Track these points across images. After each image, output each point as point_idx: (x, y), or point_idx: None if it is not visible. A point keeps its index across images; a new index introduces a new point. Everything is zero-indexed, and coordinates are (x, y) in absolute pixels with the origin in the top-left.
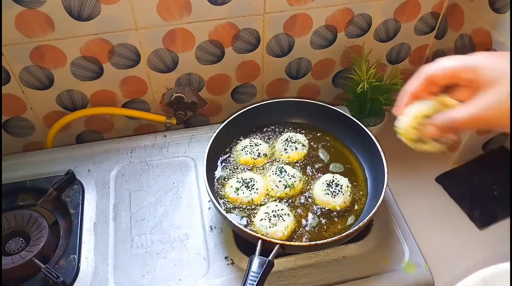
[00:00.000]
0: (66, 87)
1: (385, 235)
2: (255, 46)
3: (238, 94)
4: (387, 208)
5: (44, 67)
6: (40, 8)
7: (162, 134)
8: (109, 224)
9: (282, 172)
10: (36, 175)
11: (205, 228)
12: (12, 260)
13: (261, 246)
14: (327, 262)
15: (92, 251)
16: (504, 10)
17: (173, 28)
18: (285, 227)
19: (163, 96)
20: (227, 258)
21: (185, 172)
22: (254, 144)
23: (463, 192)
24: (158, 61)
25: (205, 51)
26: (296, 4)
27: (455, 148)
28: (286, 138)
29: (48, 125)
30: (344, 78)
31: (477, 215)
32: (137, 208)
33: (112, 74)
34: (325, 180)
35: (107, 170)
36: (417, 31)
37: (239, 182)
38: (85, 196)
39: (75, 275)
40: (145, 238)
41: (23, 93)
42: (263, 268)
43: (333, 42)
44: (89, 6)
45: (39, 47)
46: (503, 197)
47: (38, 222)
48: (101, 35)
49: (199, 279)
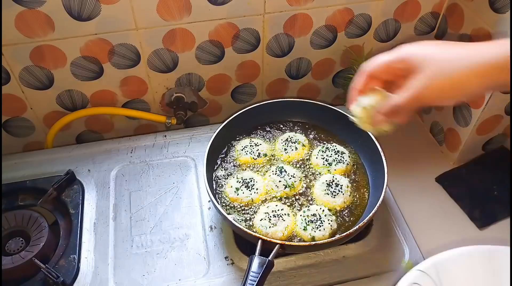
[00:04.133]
0: (66, 87)
1: (385, 235)
2: (255, 46)
3: (238, 94)
4: (387, 208)
5: (44, 67)
6: (40, 8)
7: (162, 134)
8: (109, 224)
9: (282, 172)
10: (36, 175)
11: (205, 228)
12: (12, 260)
13: (261, 246)
14: (327, 262)
15: (92, 251)
16: (504, 10)
17: (173, 28)
18: (285, 227)
19: (163, 96)
20: (227, 258)
21: (185, 172)
22: (254, 144)
23: (463, 192)
24: (158, 61)
25: (205, 51)
26: (296, 4)
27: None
28: (286, 138)
29: (48, 125)
30: (344, 78)
31: (477, 215)
32: (137, 208)
33: (112, 74)
34: (325, 180)
35: (107, 170)
36: (417, 31)
37: (239, 182)
38: (85, 196)
39: (75, 275)
40: (145, 238)
41: (23, 93)
42: (263, 268)
43: (333, 42)
44: (89, 6)
45: (39, 47)
46: (503, 197)
47: (38, 222)
48: (101, 35)
49: (199, 279)
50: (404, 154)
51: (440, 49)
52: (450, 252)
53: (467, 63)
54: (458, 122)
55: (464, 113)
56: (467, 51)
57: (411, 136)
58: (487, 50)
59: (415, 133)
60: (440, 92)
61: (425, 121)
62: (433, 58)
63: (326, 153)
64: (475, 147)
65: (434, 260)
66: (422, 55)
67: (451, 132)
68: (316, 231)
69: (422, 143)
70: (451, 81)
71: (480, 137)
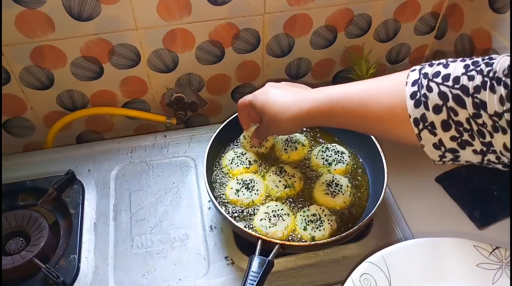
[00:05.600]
0: (66, 87)
1: (385, 235)
2: (255, 46)
3: (238, 94)
4: (387, 208)
5: (44, 67)
6: (40, 8)
7: (162, 134)
8: (109, 224)
9: (282, 172)
10: (36, 175)
11: (205, 228)
12: (12, 260)
13: (261, 246)
14: (327, 262)
15: (92, 251)
16: (504, 10)
17: (173, 28)
18: (285, 227)
19: (163, 96)
20: (227, 258)
21: (185, 172)
22: (240, 154)
23: (463, 192)
24: (158, 61)
25: (205, 51)
26: (296, 4)
27: None
28: (286, 138)
29: (48, 125)
30: (344, 78)
31: (477, 215)
32: (137, 208)
33: (112, 74)
34: (325, 180)
35: (107, 170)
36: (417, 31)
37: (239, 183)
38: (85, 196)
39: (75, 275)
40: (145, 238)
41: (23, 93)
42: (263, 268)
43: (333, 42)
44: (89, 6)
45: (39, 47)
46: (503, 197)
47: (38, 222)
48: (101, 35)
49: (199, 279)
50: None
51: (275, 99)
52: (397, 245)
53: (288, 114)
54: None
55: None
56: (293, 100)
57: None
58: (304, 101)
59: None
60: (274, 131)
61: None
62: (268, 110)
63: (326, 153)
64: None
65: (382, 252)
66: (261, 106)
67: None
68: (316, 231)
69: None
70: (279, 126)
71: None
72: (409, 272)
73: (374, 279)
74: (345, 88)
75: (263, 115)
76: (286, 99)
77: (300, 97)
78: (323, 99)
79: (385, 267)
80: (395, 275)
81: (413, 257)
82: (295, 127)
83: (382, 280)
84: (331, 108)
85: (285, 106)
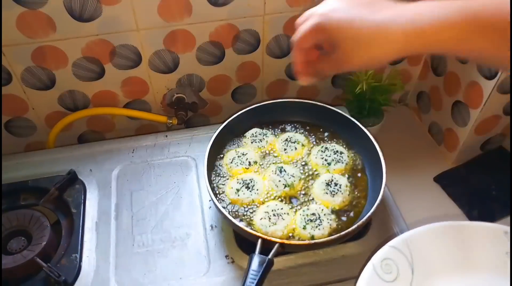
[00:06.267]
0: (67, 87)
1: (383, 234)
2: (255, 47)
3: (238, 94)
4: (386, 208)
5: (46, 67)
6: (42, 9)
7: (163, 134)
8: (110, 224)
9: (281, 171)
10: (38, 175)
11: (206, 227)
12: (14, 259)
13: (261, 245)
14: (327, 261)
15: (93, 250)
16: None
17: (174, 29)
18: (284, 226)
19: (164, 96)
20: (227, 256)
21: (186, 172)
22: (241, 154)
23: (462, 192)
24: (159, 62)
25: (205, 52)
26: (295, 5)
27: (453, 148)
28: (285, 138)
29: (50, 125)
30: (343, 78)
31: (475, 215)
32: (139, 208)
33: (113, 74)
34: (324, 179)
35: (108, 170)
36: None
37: (239, 183)
38: (87, 195)
39: (76, 274)
40: (146, 237)
41: (24, 93)
42: (263, 266)
43: None
44: (90, 7)
45: (41, 47)
46: (501, 197)
47: (40, 221)
48: (102, 36)
49: (200, 278)
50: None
51: (360, 14)
52: (419, 229)
53: (390, 33)
54: (457, 122)
55: (462, 114)
56: (390, 15)
57: (410, 136)
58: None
59: (414, 133)
60: (357, 62)
61: (424, 121)
62: (352, 30)
63: (325, 153)
64: (474, 147)
65: (404, 236)
66: (337, 26)
67: (450, 132)
68: (316, 230)
69: (420, 143)
70: (369, 53)
71: (478, 137)
72: (433, 260)
73: (396, 265)
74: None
75: (340, 41)
76: (377, 14)
77: (400, 10)
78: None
79: (408, 251)
80: (418, 261)
81: (436, 240)
82: (394, 53)
83: (404, 265)
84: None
85: (383, 24)
